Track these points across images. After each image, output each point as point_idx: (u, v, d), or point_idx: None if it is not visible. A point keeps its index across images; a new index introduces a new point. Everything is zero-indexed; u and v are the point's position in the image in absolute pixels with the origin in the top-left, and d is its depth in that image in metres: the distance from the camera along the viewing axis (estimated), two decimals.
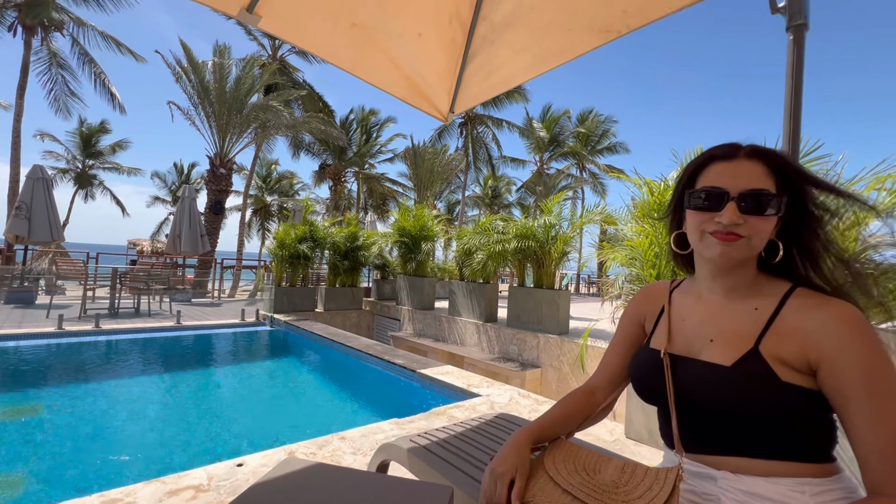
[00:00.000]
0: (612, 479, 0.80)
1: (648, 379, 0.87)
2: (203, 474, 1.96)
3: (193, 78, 12.93)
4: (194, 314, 7.68)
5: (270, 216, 27.66)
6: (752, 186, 0.76)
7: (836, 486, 0.70)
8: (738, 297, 0.82)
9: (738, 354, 0.76)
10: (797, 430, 0.72)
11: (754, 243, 0.77)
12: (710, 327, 0.83)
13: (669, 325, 0.90)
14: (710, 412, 0.76)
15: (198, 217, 10.59)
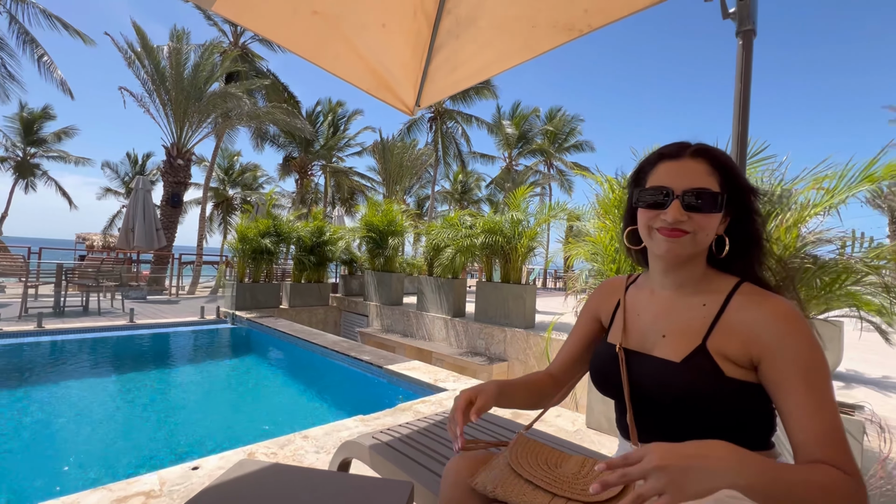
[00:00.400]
0: (572, 471, 0.83)
1: (606, 373, 0.91)
2: (155, 479, 1.87)
3: (147, 63, 12.24)
4: (149, 312, 7.32)
5: (233, 210, 26.68)
6: (695, 185, 0.80)
7: None
8: (689, 292, 0.86)
9: (686, 351, 0.80)
10: (740, 421, 0.76)
11: (699, 239, 0.81)
12: (663, 323, 0.87)
13: (625, 320, 0.94)
14: (662, 405, 0.80)
15: (153, 210, 10.07)
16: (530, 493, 0.79)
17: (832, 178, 2.40)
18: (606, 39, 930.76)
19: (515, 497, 0.79)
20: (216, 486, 1.06)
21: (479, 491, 0.84)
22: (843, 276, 2.23)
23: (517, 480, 0.82)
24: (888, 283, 2.30)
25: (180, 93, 12.34)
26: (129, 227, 9.71)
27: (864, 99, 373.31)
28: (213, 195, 26.65)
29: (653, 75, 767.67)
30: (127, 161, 28.93)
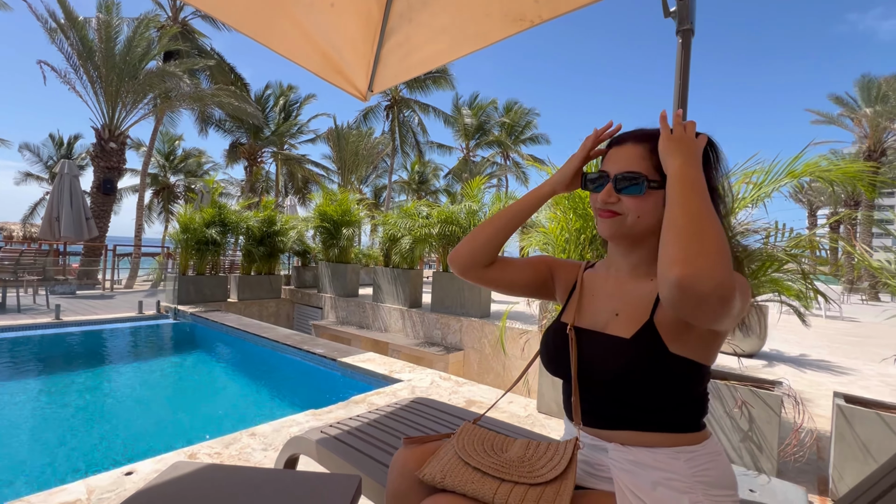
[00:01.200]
0: (517, 455, 0.85)
1: (556, 352, 0.91)
2: (82, 488, 1.73)
3: (72, 35, 11.11)
4: (79, 308, 6.75)
5: (175, 198, 25.05)
6: (625, 169, 0.83)
7: (704, 451, 0.79)
8: (642, 272, 0.89)
9: (637, 327, 0.81)
10: (677, 401, 0.79)
11: (629, 221, 0.84)
12: (616, 301, 0.89)
13: (580, 300, 0.95)
14: (605, 382, 0.82)
15: (82, 197, 9.24)
16: (478, 480, 0.79)
17: (760, 173, 2.58)
18: (561, 33, 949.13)
19: (463, 485, 0.79)
20: (146, 490, 0.99)
21: (427, 481, 0.83)
22: (768, 263, 2.42)
23: (465, 468, 0.83)
24: (805, 271, 2.52)
25: (111, 70, 11.33)
26: (53, 216, 8.86)
27: (792, 99, 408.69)
28: (153, 182, 24.87)
29: (603, 70, 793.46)
30: (50, 143, 26.32)
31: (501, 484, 0.78)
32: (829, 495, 1.99)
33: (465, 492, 0.78)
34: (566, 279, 1.03)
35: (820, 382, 3.94)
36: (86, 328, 5.80)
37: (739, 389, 2.20)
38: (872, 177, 3.24)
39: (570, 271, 1.04)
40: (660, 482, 0.77)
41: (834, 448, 1.99)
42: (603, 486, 0.84)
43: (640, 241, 0.87)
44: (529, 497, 0.74)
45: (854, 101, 17.51)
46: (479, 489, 0.77)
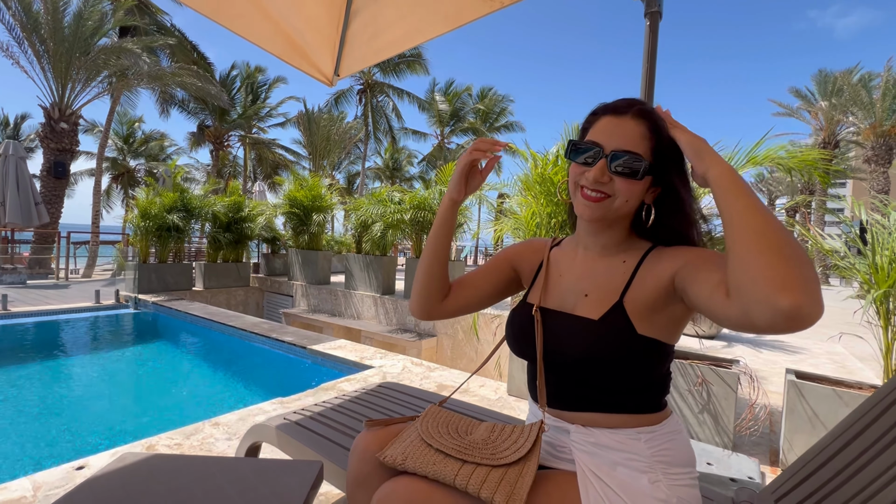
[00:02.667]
0: (482, 437, 0.84)
1: (521, 334, 0.90)
2: (27, 484, 1.63)
3: (14, 5, 10.27)
4: (30, 298, 6.37)
5: (136, 183, 23.85)
6: (625, 147, 0.77)
7: (663, 430, 0.80)
8: (612, 252, 0.87)
9: (605, 308, 0.80)
10: (642, 382, 0.79)
11: (617, 205, 0.79)
12: (586, 282, 0.87)
13: (546, 280, 0.93)
14: (569, 363, 0.80)
15: (30, 181, 8.66)
16: (440, 461, 0.78)
17: None
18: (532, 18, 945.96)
19: (425, 467, 0.77)
20: (90, 481, 0.94)
21: (388, 464, 0.81)
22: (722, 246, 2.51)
23: (427, 450, 0.81)
24: None
25: (60, 44, 10.57)
26: None
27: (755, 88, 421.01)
28: (112, 167, 23.59)
29: (573, 54, 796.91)
30: None
31: (463, 465, 0.76)
32: (780, 465, 2.10)
33: (426, 473, 0.76)
34: (531, 261, 1.00)
35: (775, 361, 4.16)
36: (36, 319, 5.48)
37: (700, 368, 2.28)
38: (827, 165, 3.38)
39: (534, 252, 1.01)
40: (619, 462, 0.77)
41: (785, 421, 2.10)
42: (565, 466, 0.84)
43: (615, 222, 0.84)
44: (491, 478, 0.73)
45: (812, 95, 18.26)
46: (441, 470, 0.76)
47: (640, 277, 0.81)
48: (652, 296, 0.78)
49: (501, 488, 0.71)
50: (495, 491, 0.71)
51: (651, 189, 0.82)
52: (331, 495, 1.64)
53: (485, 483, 0.72)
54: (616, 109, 0.81)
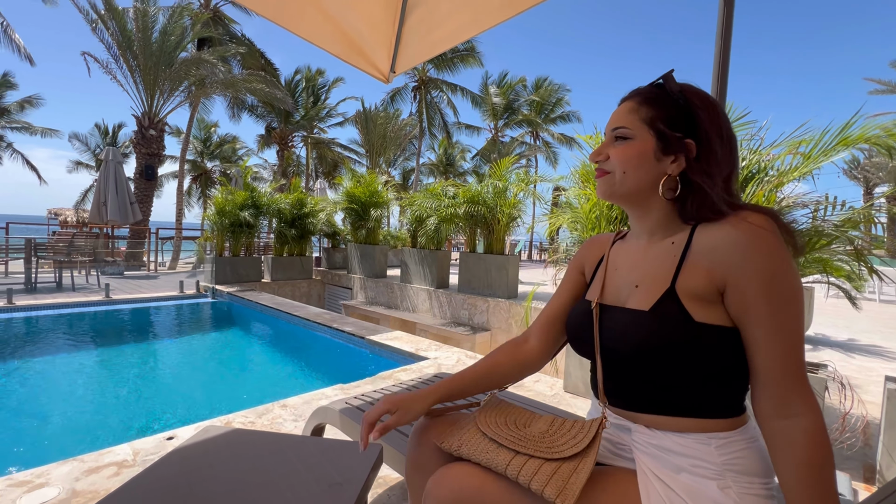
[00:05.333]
0: (540, 430, 0.83)
1: (579, 331, 0.88)
2: (128, 450, 1.85)
3: (112, 25, 11.51)
4: (127, 287, 7.17)
5: (212, 183, 25.93)
6: (615, 125, 0.81)
7: (740, 437, 0.72)
8: (659, 236, 0.83)
9: (656, 297, 0.75)
10: (710, 376, 0.71)
11: (617, 177, 0.81)
12: (636, 272, 0.83)
13: (605, 275, 0.90)
14: (626, 357, 0.77)
15: (126, 183, 9.71)
16: (493, 450, 0.79)
17: (808, 143, 2.40)
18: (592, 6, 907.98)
19: (479, 455, 0.78)
20: (178, 451, 1.04)
21: (446, 450, 0.83)
22: (815, 240, 2.26)
23: (482, 439, 0.82)
24: (859, 249, 2.34)
25: (149, 58, 11.71)
26: (101, 201, 9.37)
27: (846, 72, 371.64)
28: (191, 168, 25.81)
29: (637, 40, 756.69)
30: (97, 132, 27.68)
31: (516, 456, 0.76)
32: (876, 483, 1.88)
33: (479, 461, 0.77)
34: (594, 257, 0.97)
35: (870, 368, 3.72)
36: (133, 306, 6.16)
37: None
38: None
39: (597, 249, 0.98)
40: (685, 468, 0.72)
41: (884, 434, 1.88)
42: (625, 464, 0.81)
43: (643, 202, 0.82)
44: (544, 471, 0.72)
45: None
46: (493, 459, 0.76)
47: (691, 260, 0.74)
48: (706, 283, 0.72)
49: (553, 482, 0.70)
50: (546, 484, 0.69)
51: (673, 160, 0.78)
52: (389, 478, 1.70)
53: (536, 475, 0.71)
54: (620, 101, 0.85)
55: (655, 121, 0.77)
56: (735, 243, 0.69)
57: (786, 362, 0.66)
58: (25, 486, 1.56)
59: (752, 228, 0.68)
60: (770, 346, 0.67)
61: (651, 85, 0.82)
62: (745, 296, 0.68)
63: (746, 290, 0.68)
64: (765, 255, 0.67)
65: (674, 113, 0.77)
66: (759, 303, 0.67)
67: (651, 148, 0.78)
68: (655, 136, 0.77)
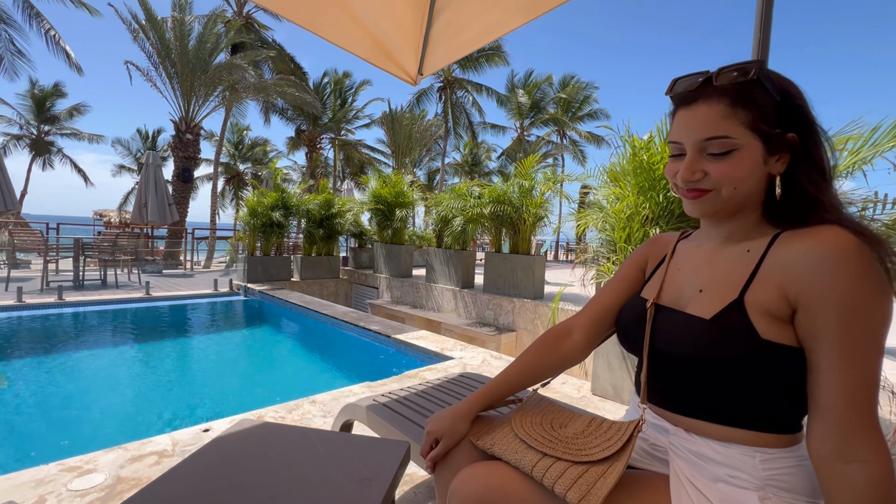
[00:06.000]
0: (574, 432, 0.82)
1: (630, 327, 0.85)
2: (168, 440, 1.94)
3: (152, 35, 12.07)
4: (165, 285, 7.49)
5: (244, 185, 26.80)
6: (705, 135, 0.69)
7: (789, 455, 0.67)
8: (735, 241, 0.76)
9: (720, 306, 0.70)
10: (768, 393, 0.66)
11: (725, 194, 0.70)
12: (702, 276, 0.78)
13: (665, 273, 0.86)
14: (674, 363, 0.74)
15: (164, 185, 10.15)
16: (522, 450, 0.79)
17: (856, 139, 2.27)
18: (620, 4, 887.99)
19: (508, 454, 0.79)
20: (214, 442, 1.09)
21: (479, 447, 0.84)
22: None
23: (513, 439, 0.82)
24: None
25: (186, 65, 12.20)
26: (142, 203, 9.83)
27: None
28: (224, 170, 26.72)
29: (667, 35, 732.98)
30: (138, 137, 29.05)
31: (543, 457, 0.76)
32: None
33: (508, 460, 0.78)
34: (656, 256, 0.93)
35: None
36: (170, 303, 6.43)
37: None
38: None
39: (661, 247, 0.94)
40: (722, 478, 0.68)
41: None
42: (658, 468, 0.78)
43: (741, 208, 0.73)
44: (569, 474, 0.71)
45: None
46: (521, 459, 0.76)
47: (764, 272, 0.68)
48: (777, 298, 0.65)
49: (578, 486, 0.68)
50: (570, 488, 0.68)
51: (777, 159, 0.69)
52: (415, 476, 1.72)
53: (561, 477, 0.70)
54: (684, 100, 0.73)
55: (757, 122, 0.67)
56: (813, 261, 0.62)
57: (855, 399, 0.59)
58: (76, 471, 1.65)
59: (836, 246, 0.61)
60: (838, 380, 0.60)
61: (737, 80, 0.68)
62: (817, 321, 0.61)
63: (819, 314, 0.61)
64: (845, 279, 0.59)
65: (770, 107, 0.68)
66: (830, 331, 0.60)
67: (760, 154, 0.68)
68: (761, 140, 0.68)
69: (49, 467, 1.66)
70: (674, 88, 0.75)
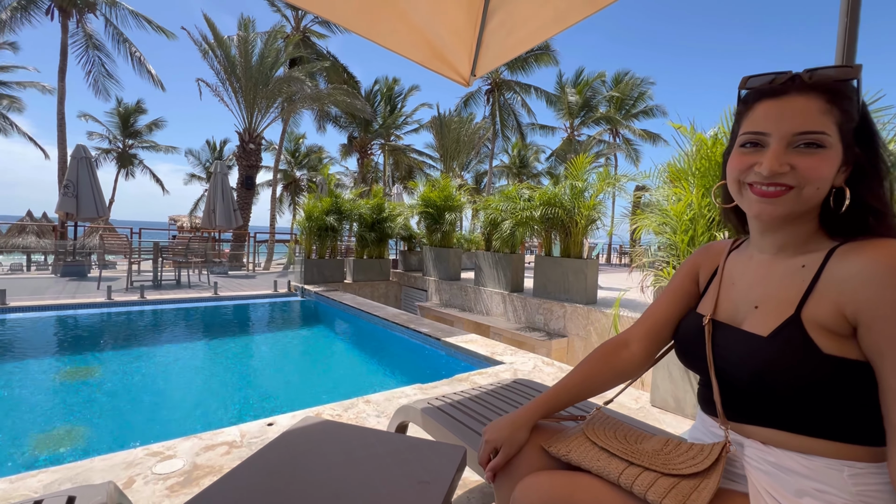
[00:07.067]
0: (653, 448, 0.79)
1: (690, 346, 0.83)
2: (237, 432, 2.07)
3: (220, 53, 13.04)
4: (230, 286, 8.03)
5: (300, 190, 28.16)
6: (803, 128, 0.65)
7: (880, 471, 0.62)
8: (790, 254, 0.73)
9: (776, 323, 0.68)
10: (843, 407, 0.63)
11: (806, 194, 0.66)
12: (756, 291, 0.75)
13: (719, 288, 0.84)
14: (743, 385, 0.71)
15: (230, 192, 10.89)
16: (605, 458, 0.76)
17: None
18: None
19: (588, 461, 0.76)
20: (282, 438, 1.15)
21: (552, 454, 0.82)
22: None
23: (592, 448, 0.80)
24: None
25: (249, 80, 13.06)
26: (211, 209, 10.61)
27: None
28: (282, 177, 28.25)
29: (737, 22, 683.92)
30: (207, 148, 31.43)
31: (630, 466, 0.73)
32: None
33: (589, 468, 0.75)
34: (708, 267, 0.90)
35: None
36: (235, 302, 6.89)
37: None
38: None
39: (712, 258, 0.90)
40: (808, 492, 0.63)
41: None
42: (735, 486, 0.74)
43: (801, 217, 0.70)
44: (660, 484, 0.67)
45: None
46: (605, 467, 0.73)
47: (821, 288, 0.65)
48: (834, 314, 0.63)
49: (672, 496, 0.65)
50: (664, 496, 0.65)
51: (845, 169, 0.68)
52: (469, 481, 1.72)
53: (653, 486, 0.67)
54: (773, 92, 0.69)
55: (844, 126, 0.66)
56: (870, 277, 0.60)
57: None
58: (159, 456, 1.81)
59: (889, 259, 0.59)
60: None
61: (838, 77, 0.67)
62: (879, 339, 0.58)
63: (881, 332, 0.58)
64: None
65: (853, 115, 0.67)
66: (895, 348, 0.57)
67: (840, 158, 0.66)
68: (843, 144, 0.66)
69: (137, 451, 1.83)
70: (751, 81, 0.73)
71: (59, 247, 9.64)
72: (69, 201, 8.73)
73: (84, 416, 3.05)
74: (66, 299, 5.87)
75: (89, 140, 25.17)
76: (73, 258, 9.08)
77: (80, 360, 4.17)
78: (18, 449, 2.57)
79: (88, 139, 25.30)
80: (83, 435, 2.77)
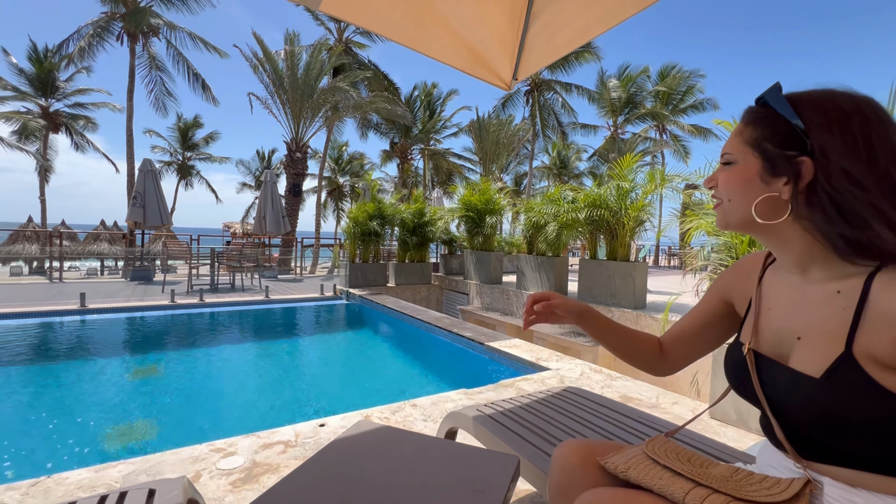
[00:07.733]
0: (722, 474, 0.74)
1: (738, 378, 0.79)
2: (291, 432, 2.16)
3: (268, 67, 13.71)
4: (280, 289, 8.39)
5: (343, 196, 29.02)
6: (723, 150, 0.77)
7: None
8: (817, 278, 0.69)
9: (827, 361, 0.64)
10: None
11: (727, 206, 0.75)
12: (796, 320, 0.71)
13: (758, 314, 0.79)
14: (805, 429, 0.66)
15: (279, 199, 11.41)
16: (668, 478, 0.72)
17: None
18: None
19: (650, 479, 0.72)
20: (338, 442, 1.18)
21: (610, 470, 0.79)
22: None
23: (653, 465, 0.76)
24: None
25: (295, 91, 13.63)
26: (261, 216, 11.15)
27: None
28: (327, 184, 29.23)
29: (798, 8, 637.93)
30: (256, 158, 33.10)
31: (696, 487, 0.68)
32: None
33: (650, 486, 0.71)
34: (743, 289, 0.85)
35: None
36: (284, 305, 7.19)
37: None
38: None
39: (744, 277, 0.85)
40: None
41: None
42: None
43: (766, 231, 0.71)
44: None
45: None
46: (668, 486, 0.69)
47: (870, 320, 0.60)
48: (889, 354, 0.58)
49: None
50: None
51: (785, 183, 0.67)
52: (520, 490, 1.70)
53: None
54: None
55: (761, 141, 0.70)
56: None
57: None
58: (221, 452, 1.92)
59: None
60: None
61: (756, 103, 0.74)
62: None
63: None
64: None
65: (785, 130, 0.67)
66: None
67: (756, 171, 0.70)
68: (761, 158, 0.70)
69: (202, 447, 1.95)
70: None
71: (129, 253, 10.47)
72: (137, 211, 9.47)
73: (149, 412, 3.29)
74: (136, 302, 6.36)
75: (153, 153, 27.25)
76: (141, 263, 9.83)
77: (148, 359, 4.51)
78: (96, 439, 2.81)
79: (152, 152, 27.39)
80: (150, 430, 2.99)
